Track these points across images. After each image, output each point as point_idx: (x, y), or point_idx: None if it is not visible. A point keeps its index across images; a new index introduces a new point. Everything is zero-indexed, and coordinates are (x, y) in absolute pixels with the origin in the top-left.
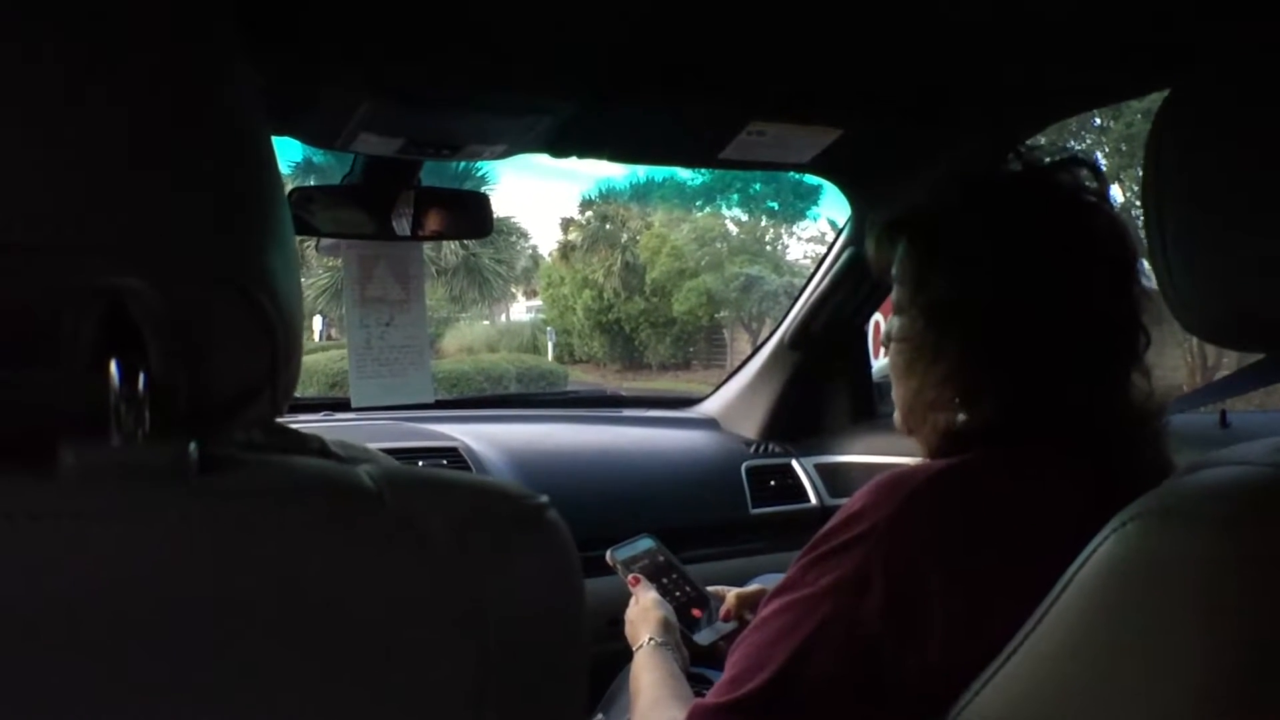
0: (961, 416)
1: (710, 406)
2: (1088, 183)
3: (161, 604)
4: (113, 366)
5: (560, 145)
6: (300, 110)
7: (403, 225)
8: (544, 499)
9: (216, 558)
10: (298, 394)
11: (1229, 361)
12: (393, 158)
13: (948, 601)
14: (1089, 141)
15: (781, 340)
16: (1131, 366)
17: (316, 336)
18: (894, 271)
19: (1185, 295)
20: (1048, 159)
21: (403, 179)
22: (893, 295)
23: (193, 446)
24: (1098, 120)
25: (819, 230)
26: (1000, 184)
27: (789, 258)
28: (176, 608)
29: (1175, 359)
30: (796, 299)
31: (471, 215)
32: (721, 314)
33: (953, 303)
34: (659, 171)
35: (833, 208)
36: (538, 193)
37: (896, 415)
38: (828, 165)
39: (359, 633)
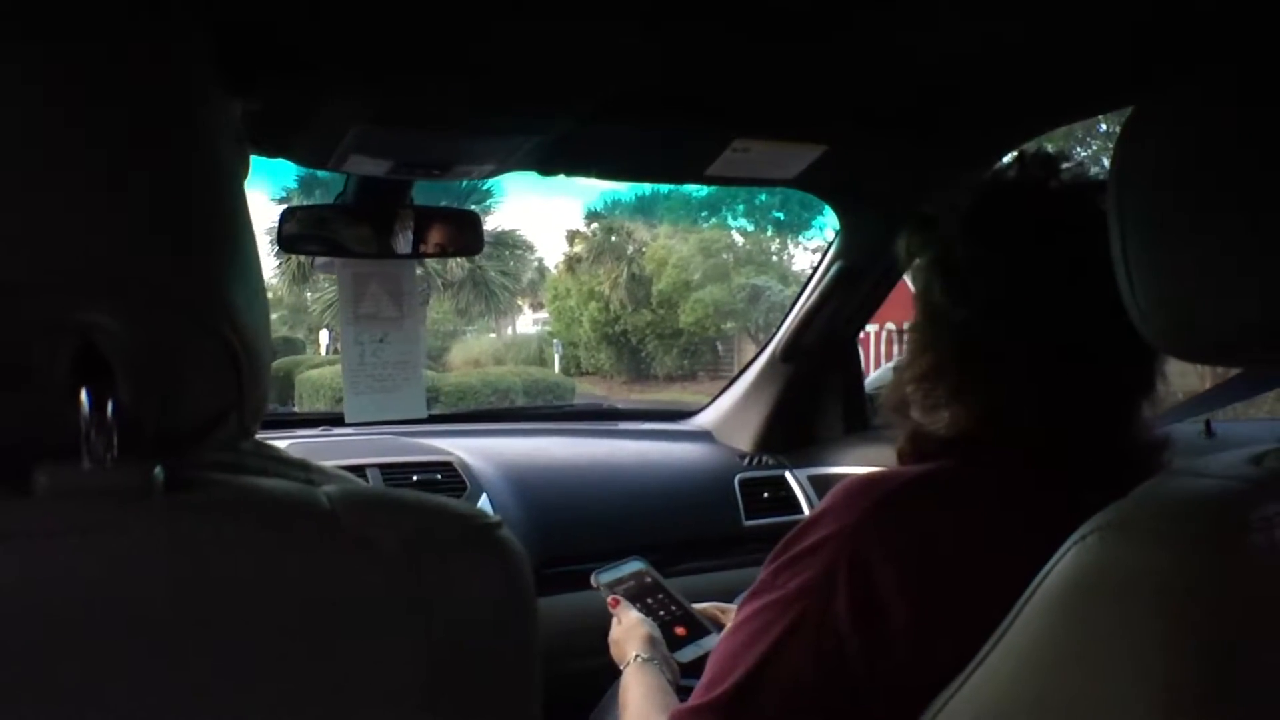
0: (944, 415)
1: (705, 419)
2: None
3: (126, 616)
4: (83, 395)
5: (548, 164)
6: (292, 133)
7: (395, 243)
8: (495, 519)
9: (177, 572)
10: (298, 409)
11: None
12: (384, 178)
13: (911, 607)
14: (1094, 148)
15: (774, 353)
16: (1140, 395)
17: (324, 350)
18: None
19: (1145, 310)
20: (1081, 178)
21: (395, 197)
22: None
23: (158, 469)
24: (1103, 126)
25: (825, 240)
26: (1030, 195)
27: (795, 268)
28: (140, 619)
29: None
30: (788, 312)
31: (464, 232)
32: (728, 325)
33: (951, 303)
34: (664, 185)
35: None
36: (543, 206)
37: (884, 410)
38: (814, 181)
39: (314, 642)
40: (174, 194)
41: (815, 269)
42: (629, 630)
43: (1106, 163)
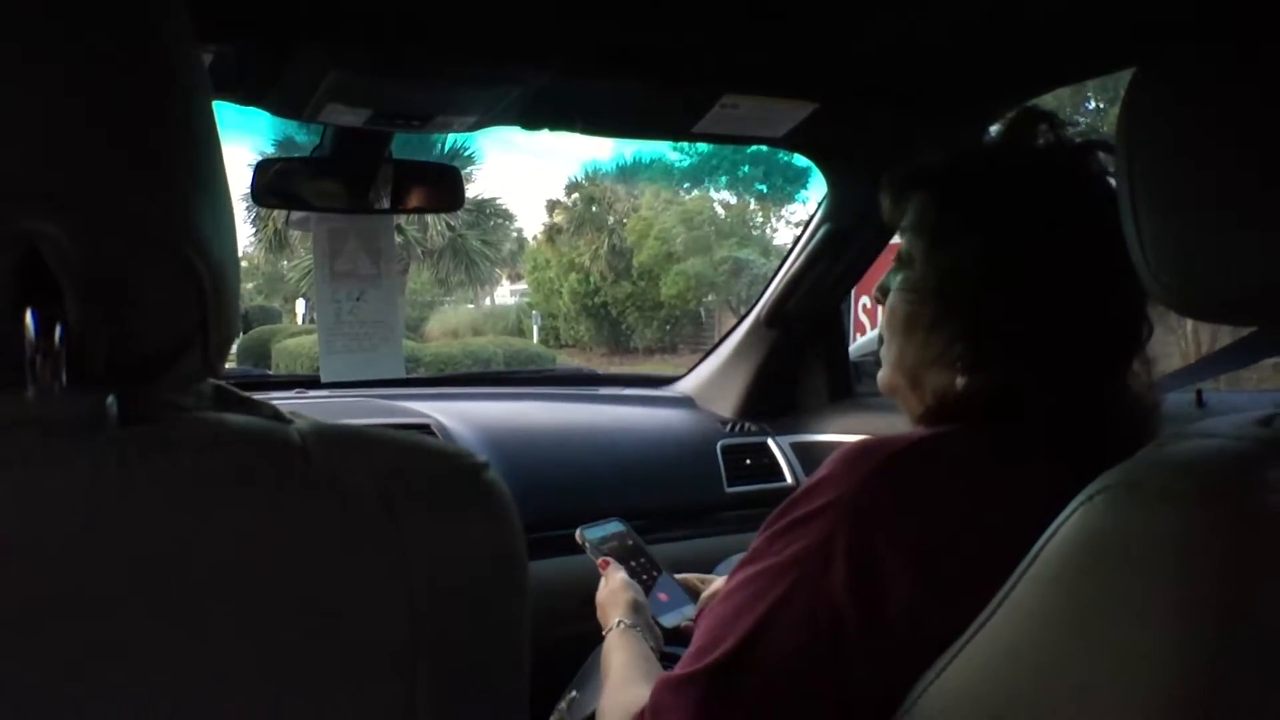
0: (961, 380)
1: (686, 385)
2: (1110, 168)
3: (74, 554)
4: (28, 317)
5: (532, 117)
6: (266, 81)
7: (373, 198)
8: (482, 459)
9: (130, 508)
10: (273, 372)
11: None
12: (362, 129)
13: (911, 576)
14: (1083, 125)
15: (758, 318)
16: (1134, 355)
17: (300, 319)
18: (908, 222)
19: (1156, 268)
20: (1077, 140)
21: (373, 151)
22: (902, 246)
23: (111, 399)
24: (1091, 103)
25: (808, 214)
26: (1032, 154)
27: (777, 241)
28: (89, 557)
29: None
30: (773, 277)
31: (443, 188)
32: (709, 298)
33: (970, 261)
34: (646, 154)
35: (823, 191)
36: (522, 175)
37: (885, 373)
38: (803, 140)
39: (281, 585)
40: (133, 109)
41: (802, 232)
42: (614, 594)
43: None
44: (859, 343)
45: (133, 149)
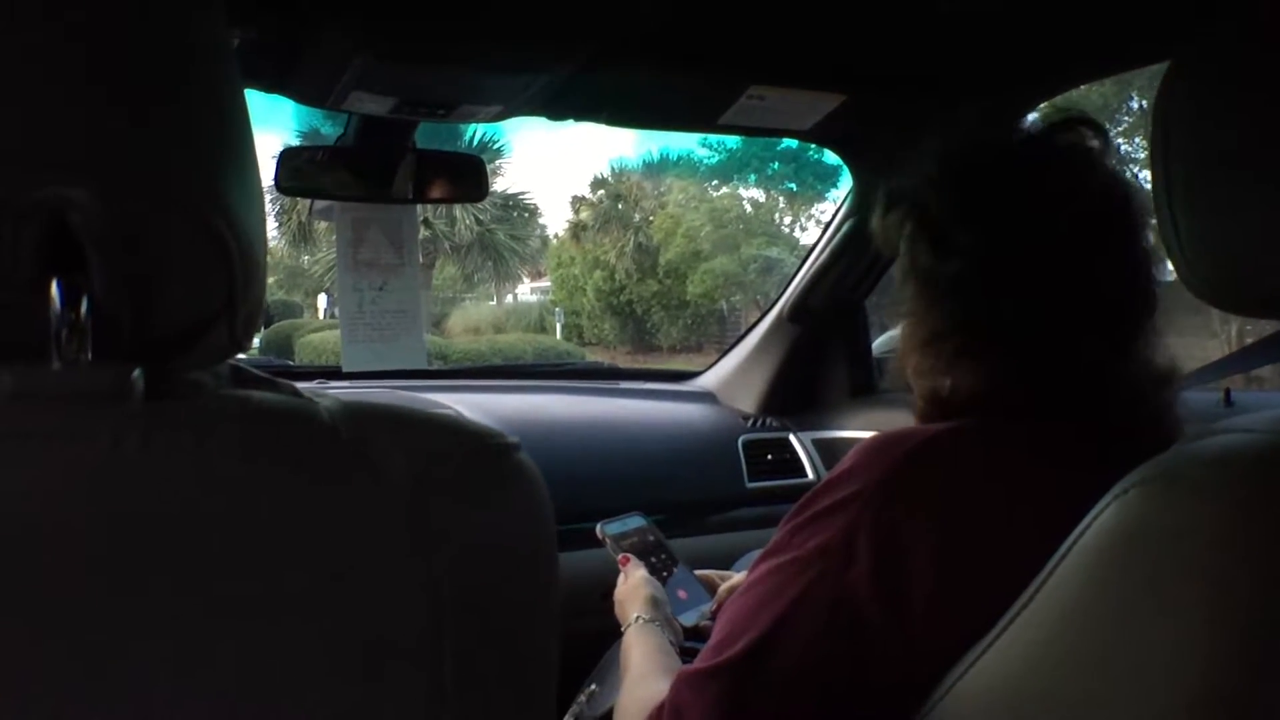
0: (948, 382)
1: (707, 380)
2: (1090, 141)
3: (99, 526)
4: (54, 288)
5: (557, 107)
6: (291, 68)
7: (396, 188)
8: (514, 439)
9: (153, 482)
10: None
11: None
12: (386, 118)
13: (935, 569)
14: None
15: (781, 313)
16: (1137, 330)
17: (321, 314)
18: (903, 241)
19: (1193, 260)
20: (1049, 121)
21: (397, 141)
22: (898, 262)
23: (137, 373)
24: (1135, 102)
25: None
26: (988, 148)
27: (806, 240)
28: (111, 531)
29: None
30: (796, 271)
31: (467, 179)
32: (737, 297)
33: (938, 268)
34: (673, 150)
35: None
36: (545, 171)
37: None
38: (829, 133)
39: (306, 562)
40: (159, 78)
41: (826, 227)
42: (634, 589)
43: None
44: (881, 339)
45: (159, 117)
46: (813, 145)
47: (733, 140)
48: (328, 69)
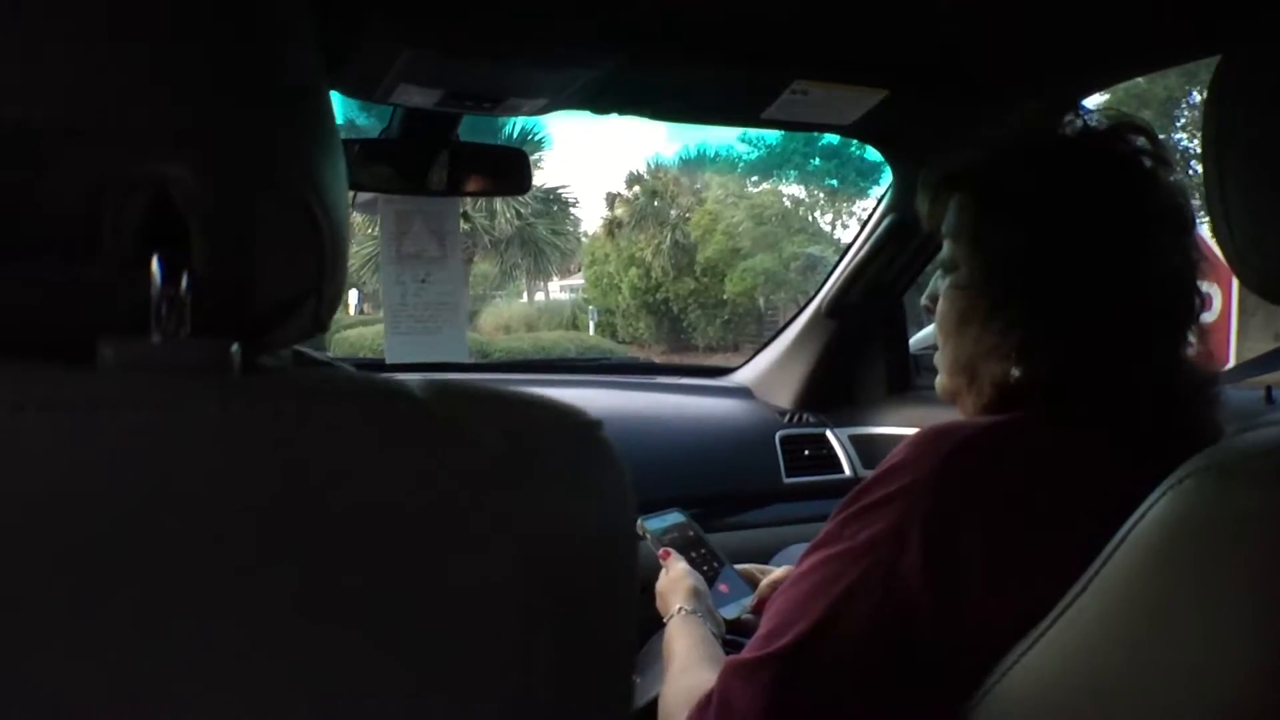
0: (1016, 371)
1: (744, 376)
2: (1144, 147)
3: (197, 497)
4: (154, 263)
5: (601, 101)
6: (339, 60)
7: (439, 181)
8: (597, 419)
9: (256, 455)
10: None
11: None
12: (432, 111)
13: (987, 561)
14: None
15: (819, 309)
16: (1186, 331)
17: (352, 310)
18: (947, 225)
19: (1245, 253)
20: (1106, 124)
21: (441, 133)
22: (944, 249)
23: (235, 347)
24: (1195, 96)
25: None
26: (1062, 141)
27: (848, 239)
28: (212, 502)
29: None
30: (834, 267)
31: (509, 172)
32: (777, 295)
33: (1014, 254)
34: (710, 146)
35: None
36: (581, 166)
37: (941, 377)
38: (871, 128)
39: (403, 540)
40: (255, 57)
41: (866, 222)
42: (675, 582)
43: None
44: (918, 336)
45: (262, 97)
46: (854, 141)
47: (772, 136)
48: (376, 61)
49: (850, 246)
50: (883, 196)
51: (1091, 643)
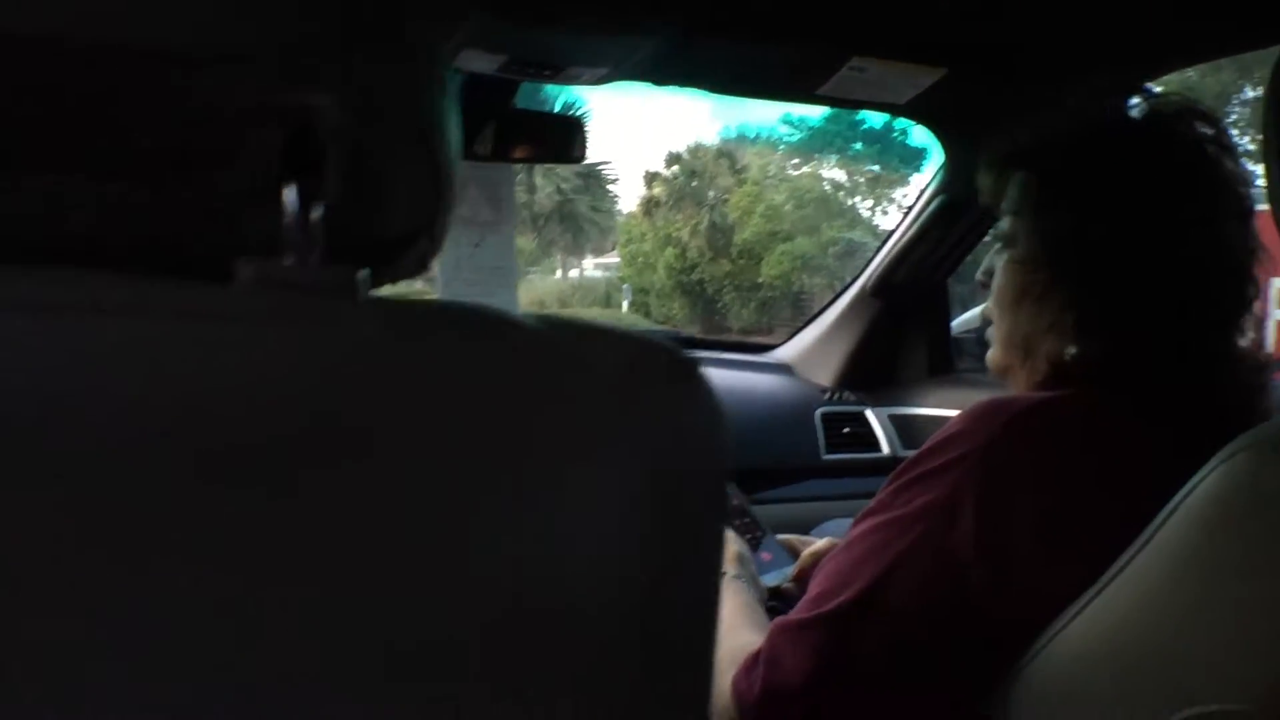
0: (1072, 349)
1: (784, 353)
2: (1207, 134)
3: (326, 415)
4: (290, 191)
5: (660, 73)
6: (405, 20)
7: (496, 147)
8: (695, 358)
9: (387, 376)
10: None
11: None
12: (490, 77)
13: (1038, 532)
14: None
15: (863, 288)
16: (1240, 319)
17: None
18: (1010, 200)
19: None
20: (1171, 109)
21: (500, 100)
22: (1004, 225)
23: (364, 273)
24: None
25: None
26: (1128, 124)
27: (886, 225)
28: (344, 419)
29: None
30: (880, 247)
31: (564, 139)
32: (813, 280)
33: (1077, 232)
34: (752, 127)
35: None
36: (618, 144)
37: (994, 352)
38: (924, 108)
39: (527, 464)
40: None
41: (914, 203)
42: None
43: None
44: (960, 319)
45: (394, 38)
46: (898, 127)
47: (815, 118)
48: (440, 25)
49: (897, 227)
50: (932, 178)
51: (1140, 607)
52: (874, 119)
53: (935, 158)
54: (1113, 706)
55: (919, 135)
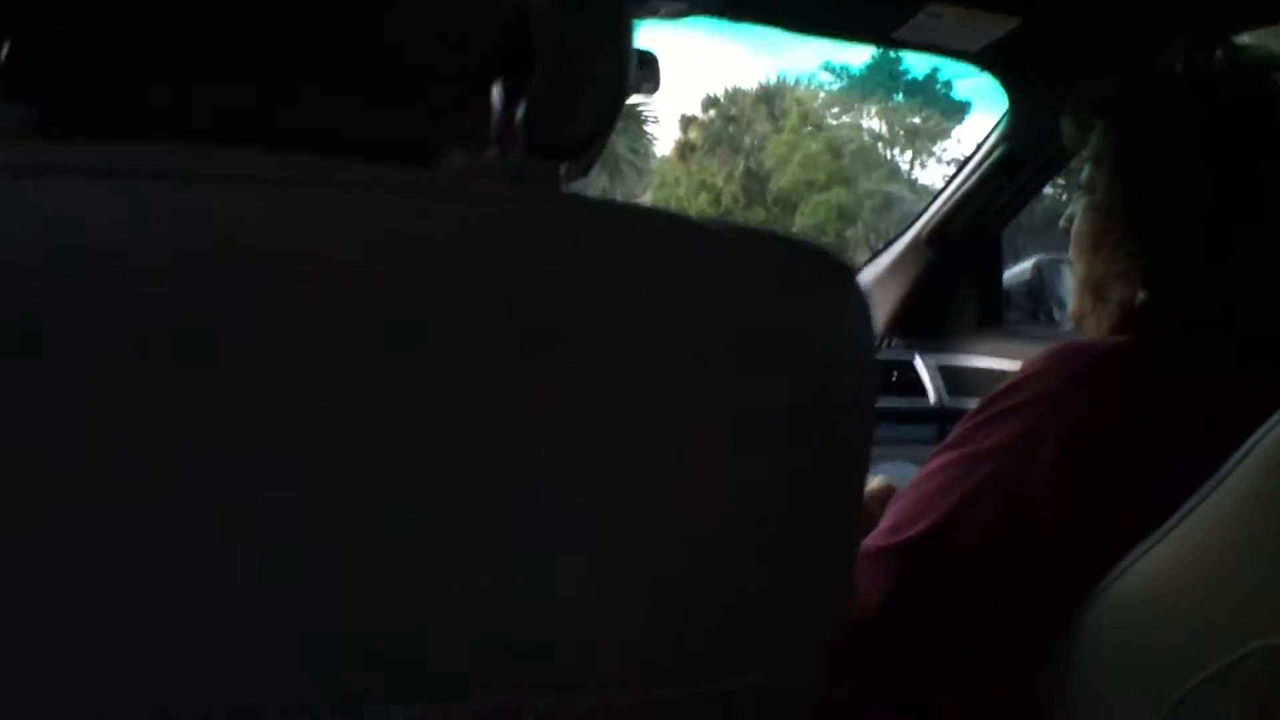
0: (1142, 295)
1: None
2: None
3: (538, 294)
4: (497, 88)
5: (738, 9)
6: None
7: None
8: (850, 262)
9: (580, 256)
10: None
11: None
12: None
13: (1114, 472)
14: None
15: (918, 236)
16: None
17: None
18: (1090, 148)
19: None
20: (1255, 62)
21: None
22: (1085, 173)
23: (564, 167)
24: None
25: (962, 151)
26: (1211, 77)
27: (925, 180)
28: (555, 298)
29: None
30: (938, 194)
31: (643, 72)
32: (849, 232)
33: (1151, 182)
34: (792, 74)
35: (976, 127)
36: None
37: (1074, 298)
38: (995, 57)
39: (698, 350)
40: None
41: (974, 151)
42: None
43: None
44: (1012, 271)
45: None
46: (941, 79)
47: (856, 67)
48: None
49: (955, 175)
50: (995, 126)
51: (1215, 544)
52: (917, 69)
53: (981, 109)
54: (1182, 639)
55: (963, 88)
